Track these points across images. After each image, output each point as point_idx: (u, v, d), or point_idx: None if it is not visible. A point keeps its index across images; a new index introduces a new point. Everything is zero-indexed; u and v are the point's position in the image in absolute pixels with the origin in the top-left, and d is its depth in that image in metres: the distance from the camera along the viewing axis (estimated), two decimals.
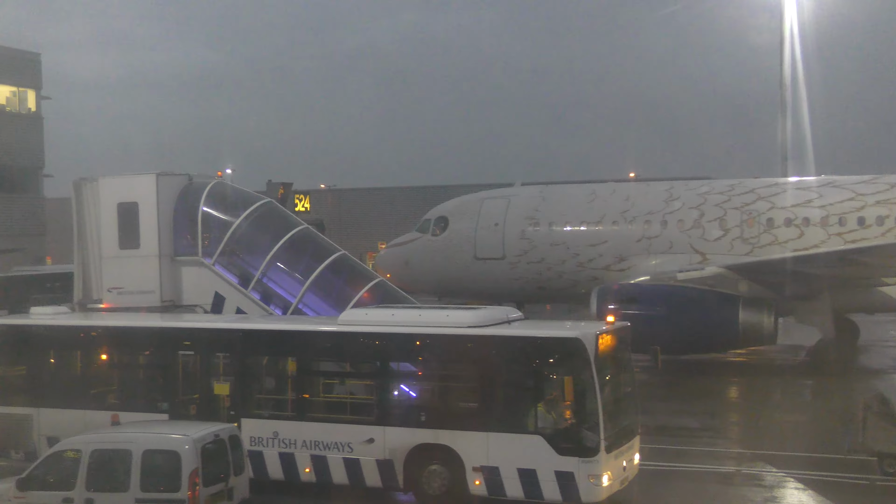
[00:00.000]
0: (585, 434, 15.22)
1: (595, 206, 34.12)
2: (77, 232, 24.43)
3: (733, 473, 18.24)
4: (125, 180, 24.20)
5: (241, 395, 17.67)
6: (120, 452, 14.03)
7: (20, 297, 45.76)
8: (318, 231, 26.50)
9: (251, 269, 23.24)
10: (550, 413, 15.68)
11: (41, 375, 19.50)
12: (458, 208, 36.42)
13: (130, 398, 18.68)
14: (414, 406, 16.74)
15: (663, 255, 32.71)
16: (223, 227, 23.56)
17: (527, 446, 15.49)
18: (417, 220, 38.09)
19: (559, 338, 15.92)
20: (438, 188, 79.20)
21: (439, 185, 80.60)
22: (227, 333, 18.41)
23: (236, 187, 25.39)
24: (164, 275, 23.20)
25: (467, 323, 16.33)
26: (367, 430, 16.56)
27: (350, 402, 17.41)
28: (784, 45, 48.51)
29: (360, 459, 16.60)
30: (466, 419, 16.12)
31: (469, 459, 15.88)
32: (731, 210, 32.07)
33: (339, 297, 22.92)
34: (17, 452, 19.30)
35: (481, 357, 16.16)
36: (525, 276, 34.72)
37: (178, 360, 18.36)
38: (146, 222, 23.35)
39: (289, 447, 17.02)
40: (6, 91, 55.81)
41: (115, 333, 19.29)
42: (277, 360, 17.99)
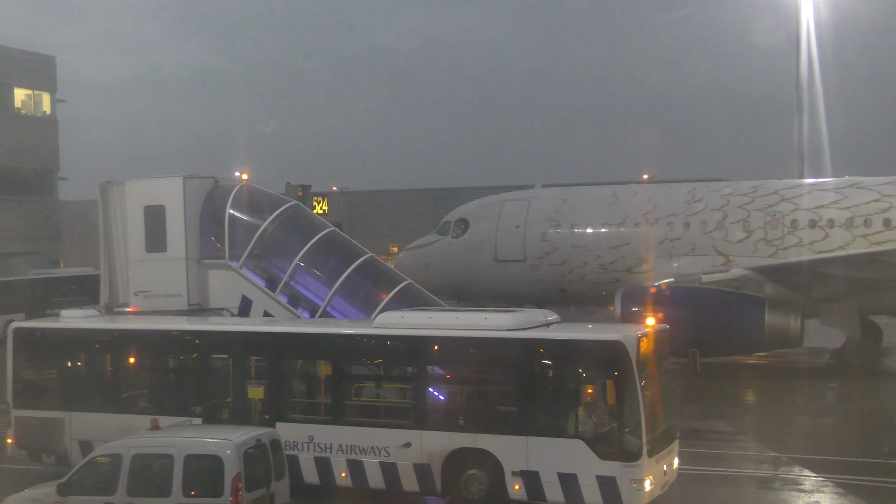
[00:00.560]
0: (627, 438, 15.07)
1: (617, 208, 33.96)
2: (103, 235, 24.38)
3: (771, 478, 18.09)
4: (152, 183, 24.16)
5: (276, 398, 17.55)
6: (161, 457, 13.95)
7: (37, 299, 45.90)
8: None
9: (279, 272, 23.17)
10: (591, 417, 15.55)
11: (73, 379, 19.43)
12: (479, 210, 36.30)
13: (163, 402, 18.57)
14: (452, 410, 16.61)
15: (686, 257, 32.54)
16: (250, 230, 23.50)
17: (567, 450, 15.34)
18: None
19: (601, 341, 15.77)
20: (448, 190, 79.34)
21: (449, 188, 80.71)
22: (262, 337, 18.32)
23: (262, 190, 25.32)
24: (191, 278, 23.14)
25: (506, 326, 16.20)
26: (405, 435, 16.43)
27: (387, 406, 17.28)
28: (800, 47, 48.40)
29: (397, 464, 16.47)
30: (506, 423, 15.99)
31: (508, 464, 15.74)
32: (755, 212, 31.87)
33: (366, 299, 22.84)
34: (49, 456, 19.26)
35: (521, 360, 16.03)
36: (546, 279, 34.57)
37: (211, 364, 18.27)
38: (173, 225, 23.29)
39: (324, 451, 16.89)
40: (21, 94, 55.96)
41: (148, 336, 19.23)
42: (312, 364, 17.85)
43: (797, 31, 48.19)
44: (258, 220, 23.68)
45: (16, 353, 19.56)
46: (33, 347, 19.79)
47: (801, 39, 48.15)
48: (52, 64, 57.58)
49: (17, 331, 19.73)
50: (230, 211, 23.50)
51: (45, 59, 57.34)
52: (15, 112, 55.73)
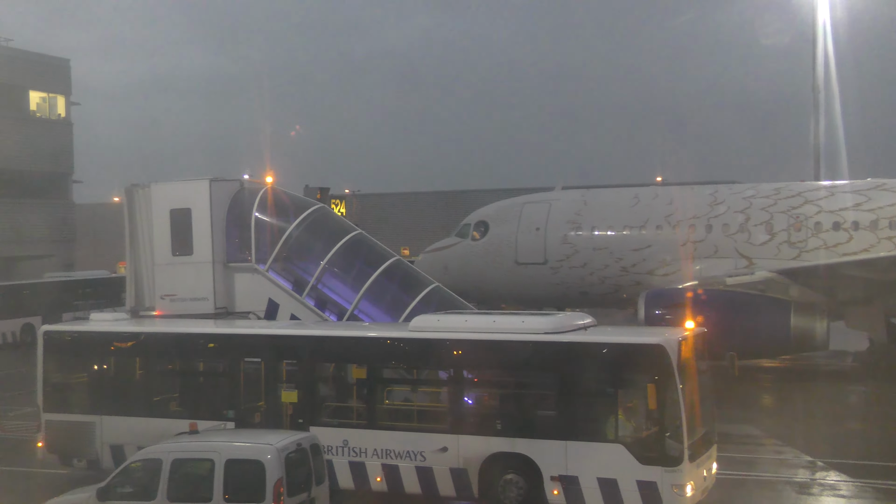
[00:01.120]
0: (668, 443, 14.94)
1: (638, 211, 33.84)
2: (129, 238, 24.26)
3: (809, 483, 17.93)
4: (178, 186, 24.05)
5: (310, 402, 17.47)
6: (202, 462, 13.84)
7: (53, 303, 45.93)
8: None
9: (306, 275, 23.05)
10: (631, 421, 15.43)
11: (104, 382, 19.38)
12: (499, 213, 36.21)
13: (195, 406, 18.51)
14: (489, 414, 16.50)
15: (708, 260, 32.42)
16: (277, 233, 23.38)
17: (607, 455, 15.22)
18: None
19: (641, 344, 15.64)
20: (458, 193, 79.18)
21: (459, 191, 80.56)
22: (297, 340, 18.23)
23: (288, 192, 25.20)
24: (217, 281, 23.01)
25: (544, 329, 16.08)
26: (441, 439, 16.34)
27: (422, 410, 17.18)
28: (816, 47, 48.22)
29: (433, 468, 16.37)
30: (544, 427, 15.88)
31: (547, 469, 15.63)
32: (778, 214, 31.73)
33: (392, 302, 22.71)
34: (80, 460, 19.22)
35: (560, 364, 15.91)
36: (567, 281, 34.46)
37: (244, 368, 18.17)
38: (199, 228, 23.17)
39: (359, 456, 16.81)
40: (36, 97, 56.02)
41: (180, 340, 19.14)
42: (347, 368, 17.75)
43: (813, 32, 48.05)
44: (284, 223, 23.56)
45: (46, 357, 19.50)
46: (64, 351, 19.72)
47: (818, 40, 48.00)
48: (67, 66, 57.68)
49: (48, 334, 19.66)
50: (256, 214, 23.38)
51: (59, 62, 57.43)
52: (30, 115, 55.78)
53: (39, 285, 47.38)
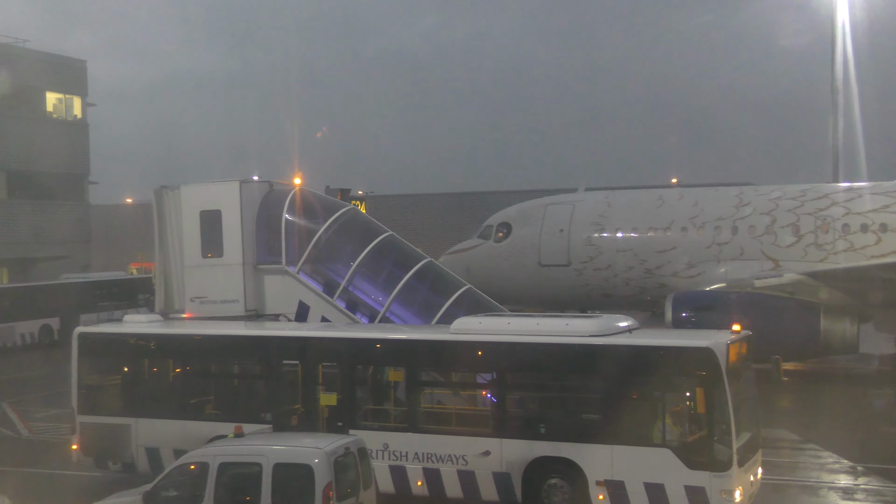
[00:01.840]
0: (717, 447, 14.80)
1: (663, 212, 33.66)
2: (158, 240, 24.22)
3: (853, 488, 17.75)
4: (208, 188, 23.96)
5: (350, 405, 17.34)
6: (249, 466, 13.69)
7: (70, 304, 45.95)
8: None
9: (336, 277, 22.94)
10: (679, 425, 15.28)
11: (139, 384, 19.28)
12: (522, 214, 36.06)
13: (232, 409, 18.42)
14: (533, 418, 16.37)
15: (734, 262, 32.21)
16: (307, 235, 23.26)
17: (654, 460, 15.08)
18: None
19: (689, 347, 15.47)
20: (471, 194, 78.94)
21: (472, 192, 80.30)
22: (336, 343, 18.10)
23: (318, 194, 25.14)
24: (247, 283, 22.91)
25: (589, 332, 15.94)
26: (483, 443, 16.20)
27: (465, 414, 17.06)
28: (835, 50, 47.95)
29: (475, 472, 16.24)
30: (589, 431, 15.73)
31: (592, 473, 15.49)
32: (805, 216, 31.51)
33: (424, 305, 22.59)
34: (115, 463, 19.12)
35: (605, 367, 15.75)
36: (591, 283, 34.30)
37: (283, 370, 18.05)
38: (229, 230, 23.06)
39: (400, 460, 16.68)
40: (53, 98, 56.05)
41: (217, 342, 19.05)
42: (387, 371, 17.63)
43: (832, 33, 47.79)
44: (315, 225, 23.46)
45: (80, 359, 19.41)
46: (98, 353, 19.63)
47: (836, 41, 47.74)
48: (83, 68, 57.70)
49: (83, 336, 19.57)
50: (286, 215, 23.27)
51: (76, 63, 57.46)
52: (47, 116, 55.80)
53: (57, 286, 47.41)
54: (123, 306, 44.78)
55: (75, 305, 46.02)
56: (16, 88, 52.98)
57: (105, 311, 39.86)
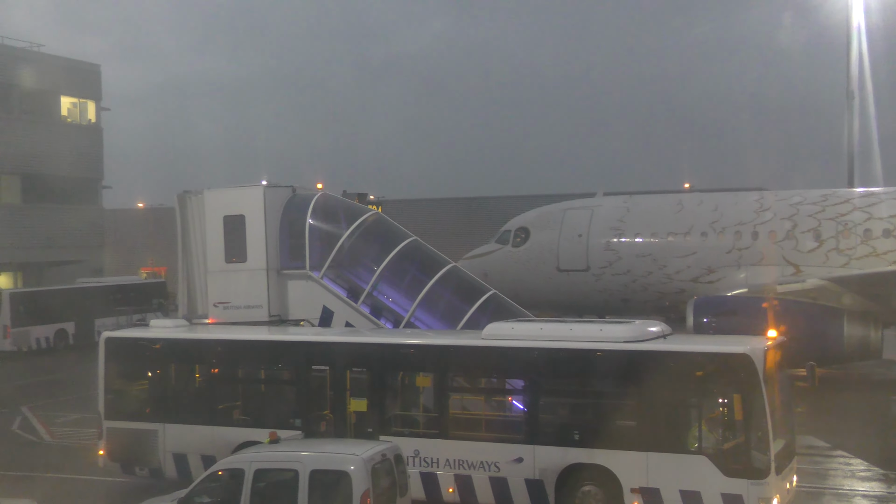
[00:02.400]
0: (755, 454, 14.67)
1: (682, 217, 33.56)
2: (181, 245, 24.13)
3: (886, 496, 17.58)
4: (231, 192, 23.88)
5: (380, 411, 17.24)
6: (285, 472, 13.59)
7: (86, 308, 45.97)
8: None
9: (361, 282, 22.85)
10: (715, 432, 15.14)
11: (166, 389, 19.19)
12: (540, 219, 35.98)
13: (261, 414, 18.34)
14: (567, 424, 16.23)
15: (754, 267, 32.09)
16: (331, 240, 23.19)
17: (690, 467, 14.94)
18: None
19: (726, 353, 15.34)
20: (475, 199, 78.58)
21: (476, 197, 79.93)
22: (367, 348, 18.01)
23: (342, 199, 25.09)
24: (271, 289, 22.82)
25: (624, 338, 15.82)
26: (516, 449, 16.09)
27: (497, 420, 16.96)
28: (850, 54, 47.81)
29: (507, 479, 16.12)
30: (624, 438, 15.59)
31: (627, 480, 15.36)
32: (826, 221, 31.38)
33: (448, 310, 22.48)
34: (142, 469, 19.04)
35: (640, 373, 15.62)
36: (610, 288, 34.20)
37: (312, 376, 17.95)
38: (253, 235, 22.98)
39: (430, 466, 16.58)
40: (67, 102, 56.14)
41: (246, 347, 18.97)
42: (418, 376, 17.53)
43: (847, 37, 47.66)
44: (339, 230, 23.38)
45: (107, 363, 19.30)
46: (125, 357, 19.54)
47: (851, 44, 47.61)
48: (97, 72, 57.78)
49: (109, 340, 19.48)
50: (310, 220, 23.18)
51: (90, 68, 57.54)
52: (61, 120, 55.89)
53: (72, 291, 47.40)
54: (139, 311, 44.81)
55: (90, 310, 46.07)
56: (31, 93, 53.09)
57: (124, 315, 39.77)
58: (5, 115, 51.94)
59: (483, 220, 69.28)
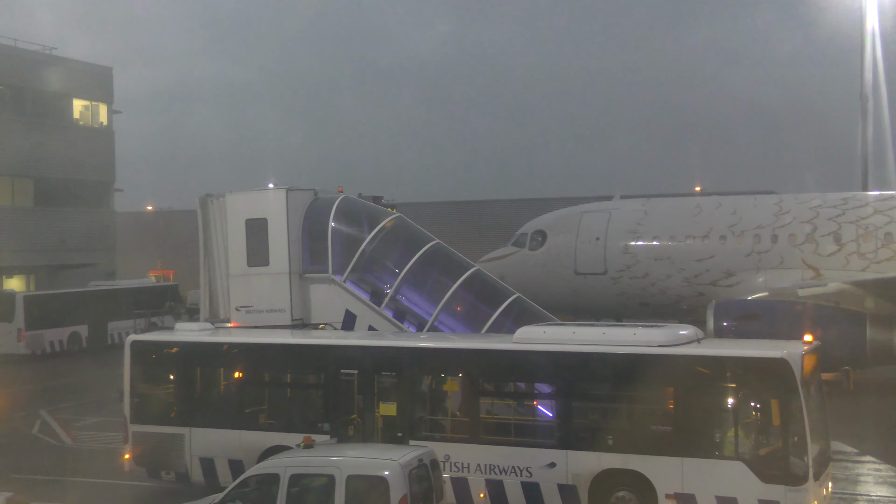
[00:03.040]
0: (792, 460, 14.54)
1: (701, 220, 33.44)
2: (203, 249, 24.06)
3: None
4: (253, 196, 23.84)
5: (410, 416, 17.14)
6: (322, 477, 13.51)
7: (99, 311, 45.91)
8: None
9: (384, 285, 22.77)
10: (752, 437, 15.03)
11: (193, 393, 19.11)
12: (557, 222, 35.88)
13: (289, 418, 18.25)
14: (600, 429, 16.09)
15: (773, 271, 31.96)
16: (354, 243, 23.10)
17: (727, 473, 14.82)
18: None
19: (763, 358, 15.21)
20: (473, 203, 78.03)
21: (474, 200, 79.37)
22: (397, 352, 17.89)
23: (364, 202, 25.01)
24: (294, 292, 22.73)
25: (658, 342, 15.71)
26: (549, 454, 15.97)
27: (529, 425, 16.86)
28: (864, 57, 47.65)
29: (539, 484, 16.01)
30: (659, 443, 15.48)
31: (662, 486, 15.23)
32: (846, 224, 31.24)
33: (471, 313, 22.40)
34: (168, 473, 18.94)
35: (676, 378, 15.49)
36: (627, 292, 34.08)
37: (341, 379, 17.83)
38: (276, 239, 22.90)
39: (461, 471, 16.46)
40: (79, 105, 56.13)
41: (273, 351, 18.87)
42: (449, 380, 17.42)
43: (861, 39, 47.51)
44: (361, 233, 23.31)
45: (133, 367, 19.22)
46: (151, 361, 19.49)
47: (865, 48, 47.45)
48: (109, 75, 57.73)
49: (135, 344, 19.39)
50: (332, 223, 23.10)
51: (102, 71, 57.50)
52: (73, 123, 55.90)
53: (85, 294, 47.37)
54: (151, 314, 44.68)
55: (103, 313, 46.03)
56: (44, 95, 53.11)
57: (142, 317, 39.64)
58: (18, 119, 51.95)
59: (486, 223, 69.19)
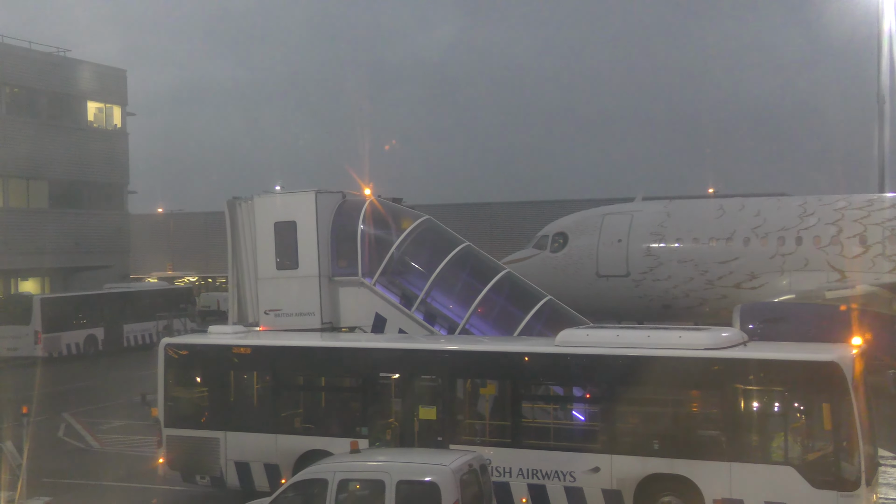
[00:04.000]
0: (844, 465, 14.40)
1: (724, 222, 33.25)
2: (231, 253, 23.89)
3: None
4: (282, 198, 23.70)
5: (450, 420, 17.00)
6: (371, 483, 13.38)
7: (115, 314, 45.82)
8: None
9: (414, 288, 22.59)
10: (803, 442, 14.89)
11: (228, 397, 18.99)
12: (578, 224, 35.70)
13: (326, 422, 18.13)
14: (646, 433, 15.94)
15: (798, 273, 31.76)
16: (383, 246, 22.94)
17: (776, 478, 14.68)
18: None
19: (813, 361, 15.05)
20: (478, 205, 77.84)
21: (479, 203, 79.19)
22: (436, 355, 17.76)
23: (393, 204, 24.82)
24: (323, 296, 22.57)
25: (704, 345, 15.57)
26: (593, 459, 15.84)
27: (572, 429, 16.71)
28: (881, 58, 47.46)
29: (583, 489, 15.88)
30: (706, 448, 15.35)
31: (709, 491, 15.09)
32: (872, 226, 31.05)
33: (503, 316, 22.24)
34: (203, 478, 18.82)
35: (723, 381, 15.38)
36: (650, 294, 33.89)
37: (380, 383, 17.71)
38: (305, 242, 22.74)
39: (503, 476, 16.31)
40: (93, 107, 56.09)
41: (310, 353, 18.78)
42: (490, 384, 17.29)
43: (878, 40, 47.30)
44: (391, 236, 23.13)
45: (166, 370, 19.10)
46: (185, 364, 19.34)
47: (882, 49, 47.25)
48: (123, 77, 57.70)
49: (169, 347, 19.28)
50: (362, 226, 22.95)
51: (116, 73, 57.46)
52: (88, 125, 55.87)
53: (101, 296, 47.28)
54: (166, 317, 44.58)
55: (119, 316, 45.95)
56: (58, 98, 53.07)
57: (165, 319, 39.54)
58: (32, 121, 51.92)
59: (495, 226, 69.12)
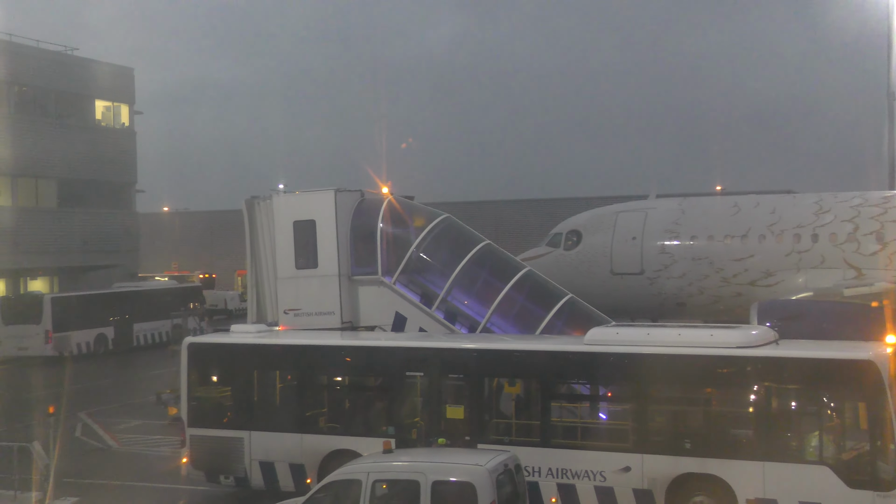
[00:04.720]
0: (881, 465, 14.30)
1: (739, 219, 33.07)
2: (250, 252, 23.85)
3: None
4: (301, 197, 23.59)
5: (478, 419, 16.91)
6: (406, 483, 13.27)
7: (124, 313, 45.73)
8: None
9: (434, 287, 22.52)
10: (838, 441, 14.79)
11: (252, 396, 18.90)
12: (592, 222, 35.51)
13: (352, 422, 18.05)
14: (677, 432, 15.84)
15: (814, 270, 31.60)
16: (403, 245, 22.86)
17: (811, 477, 14.59)
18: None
19: (848, 360, 14.95)
20: (479, 203, 77.62)
21: (482, 201, 78.98)
22: (464, 354, 17.66)
23: (412, 203, 24.74)
24: (343, 295, 22.48)
25: (736, 343, 15.47)
26: (623, 458, 15.75)
27: (602, 428, 16.62)
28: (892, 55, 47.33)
29: (614, 488, 15.79)
30: (738, 447, 15.26)
31: (742, 491, 14.99)
32: (889, 223, 30.87)
33: (523, 315, 22.15)
34: (227, 478, 18.75)
35: (755, 380, 15.30)
36: (664, 292, 33.70)
37: (406, 382, 17.62)
38: (324, 241, 22.66)
39: (532, 475, 16.20)
40: (101, 106, 56.01)
41: (335, 353, 18.70)
42: (518, 383, 17.20)
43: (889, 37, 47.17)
44: (411, 234, 23.06)
45: (190, 370, 19.03)
46: (209, 364, 19.30)
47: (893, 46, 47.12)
48: (131, 76, 57.63)
49: (192, 346, 19.21)
50: (381, 225, 22.87)
51: (124, 71, 57.39)
52: (96, 124, 55.78)
53: (111, 295, 47.22)
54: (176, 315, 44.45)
55: (129, 314, 45.88)
56: (66, 96, 52.98)
57: (178, 317, 39.38)
58: (41, 120, 51.84)
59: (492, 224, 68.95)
